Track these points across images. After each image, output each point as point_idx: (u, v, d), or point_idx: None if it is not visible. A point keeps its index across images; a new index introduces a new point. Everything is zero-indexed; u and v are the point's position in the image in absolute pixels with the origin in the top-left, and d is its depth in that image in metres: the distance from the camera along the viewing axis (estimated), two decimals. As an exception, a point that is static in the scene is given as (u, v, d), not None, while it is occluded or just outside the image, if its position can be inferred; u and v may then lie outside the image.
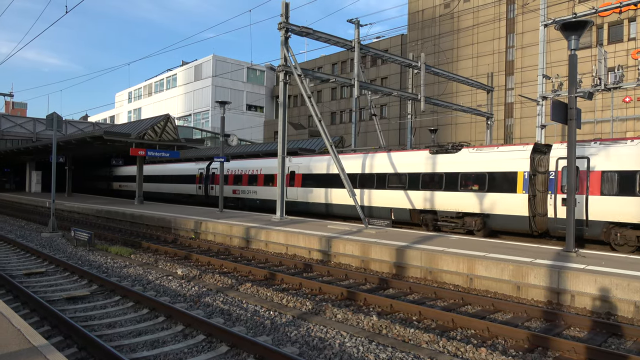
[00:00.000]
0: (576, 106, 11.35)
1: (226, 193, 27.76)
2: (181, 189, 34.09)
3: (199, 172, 31.81)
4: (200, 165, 32.16)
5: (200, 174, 31.60)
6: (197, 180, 32.04)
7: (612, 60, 31.17)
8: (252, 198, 26.90)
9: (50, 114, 17.35)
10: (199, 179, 31.78)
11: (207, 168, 31.22)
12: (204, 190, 31.15)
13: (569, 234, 11.23)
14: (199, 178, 31.78)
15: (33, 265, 11.76)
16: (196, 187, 31.97)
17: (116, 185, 46.18)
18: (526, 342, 6.74)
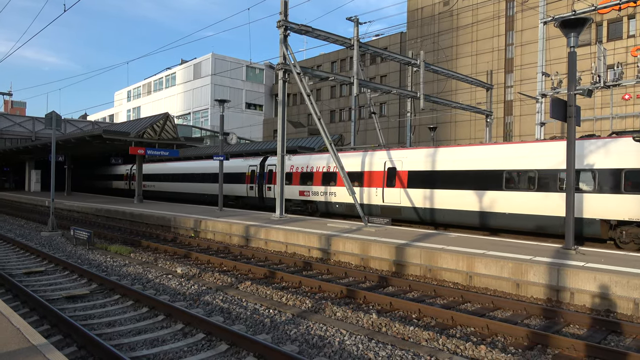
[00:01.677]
0: (575, 104, 11.34)
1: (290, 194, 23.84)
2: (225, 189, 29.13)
3: (250, 169, 27.53)
4: (251, 162, 27.88)
5: (252, 171, 27.36)
6: (247, 179, 27.73)
7: (612, 58, 31.16)
8: (332, 202, 22.12)
9: (49, 112, 17.33)
10: (250, 178, 27.50)
11: (260, 165, 26.94)
12: (257, 191, 26.84)
13: (568, 232, 11.24)
14: (249, 177, 27.51)
15: (32, 264, 11.75)
16: (246, 188, 27.66)
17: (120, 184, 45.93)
18: (525, 339, 6.75)
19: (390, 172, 19.94)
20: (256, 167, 27.15)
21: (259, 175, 26.71)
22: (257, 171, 26.94)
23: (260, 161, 27.10)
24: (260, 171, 26.67)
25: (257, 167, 27.10)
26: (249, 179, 27.58)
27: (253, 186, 27.08)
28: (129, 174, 43.28)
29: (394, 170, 19.78)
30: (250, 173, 27.53)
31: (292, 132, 54.82)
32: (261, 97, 66.63)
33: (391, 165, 19.94)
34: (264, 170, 26.53)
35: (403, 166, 19.50)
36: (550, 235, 15.73)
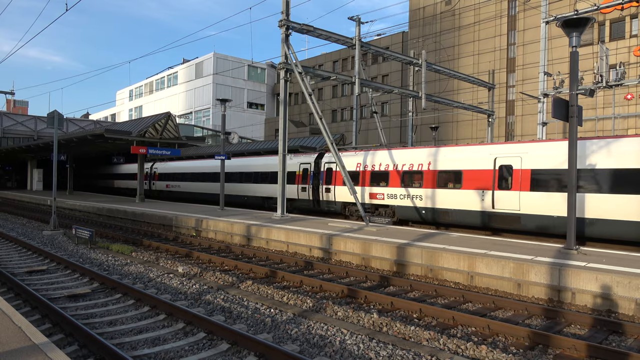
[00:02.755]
0: (577, 103, 11.31)
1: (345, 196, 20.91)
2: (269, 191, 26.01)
3: (301, 168, 24.10)
4: (303, 159, 24.40)
5: (304, 170, 23.97)
6: (297, 179, 24.23)
7: (614, 58, 31.08)
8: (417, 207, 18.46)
9: (51, 112, 17.35)
10: (301, 178, 24.00)
11: (315, 163, 23.49)
12: (310, 193, 23.42)
13: (570, 232, 11.22)
14: (301, 176, 24.05)
15: (34, 263, 11.78)
16: (297, 189, 24.20)
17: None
18: (527, 339, 6.74)
19: (504, 171, 16.61)
20: (309, 165, 23.61)
21: (314, 174, 23.27)
22: (311, 170, 23.43)
23: (314, 158, 23.59)
24: (315, 170, 23.26)
25: (310, 165, 23.56)
26: (300, 178, 23.98)
27: (306, 187, 23.49)
28: (149, 173, 40.09)
29: (509, 168, 16.41)
30: (301, 172, 23.93)
31: (293, 131, 54.81)
32: (263, 96, 66.65)
33: (506, 162, 16.68)
34: (319, 169, 23.15)
35: (524, 164, 16.08)
36: None
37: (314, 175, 23.30)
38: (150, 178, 39.44)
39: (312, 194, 23.29)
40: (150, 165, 39.88)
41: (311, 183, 23.34)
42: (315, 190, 23.24)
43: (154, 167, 39.40)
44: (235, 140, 29.54)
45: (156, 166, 39.22)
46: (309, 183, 23.44)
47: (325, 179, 22.56)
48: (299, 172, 24.24)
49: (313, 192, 23.28)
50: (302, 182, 23.83)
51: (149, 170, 39.92)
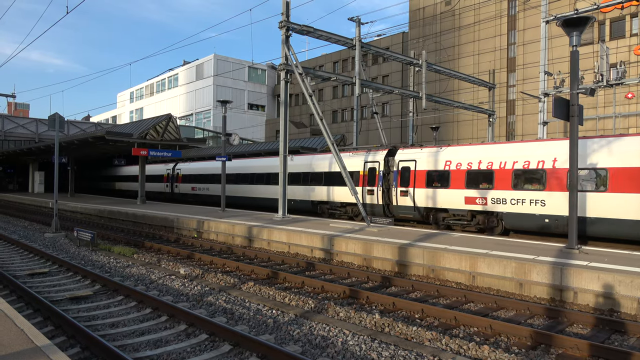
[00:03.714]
0: (578, 103, 11.31)
1: (447, 201, 17.69)
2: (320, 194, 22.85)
3: (367, 167, 20.93)
4: (368, 157, 21.18)
5: (369, 170, 20.79)
6: (362, 180, 20.99)
7: (614, 57, 31.05)
8: (536, 214, 15.32)
9: (52, 114, 17.39)
10: (367, 179, 20.77)
11: (385, 161, 20.22)
12: (379, 197, 20.17)
13: (571, 231, 11.21)
14: (366, 177, 20.83)
15: (36, 266, 11.79)
16: (362, 192, 20.80)
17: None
18: (529, 339, 6.73)
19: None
20: (377, 163, 20.49)
21: (383, 174, 20.13)
22: (380, 169, 20.27)
23: (384, 155, 20.52)
24: (385, 169, 20.24)
25: (379, 163, 20.44)
26: (366, 179, 20.85)
27: (374, 190, 20.45)
28: (171, 175, 36.41)
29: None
30: (367, 172, 20.90)
31: (294, 132, 54.83)
32: (263, 97, 66.69)
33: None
34: (389, 168, 20.16)
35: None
36: None
37: (384, 176, 20.16)
38: (172, 180, 35.93)
39: (383, 198, 20.13)
40: (172, 166, 36.51)
41: (380, 185, 20.18)
42: (387, 194, 20.15)
43: (176, 167, 35.82)
44: (236, 142, 29.57)
45: (179, 167, 35.59)
46: (377, 185, 20.29)
47: (400, 180, 19.35)
48: (364, 172, 20.97)
49: (383, 195, 20.15)
50: (369, 184, 20.62)
51: (171, 171, 36.48)
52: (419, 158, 18.40)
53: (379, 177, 20.30)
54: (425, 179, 18.25)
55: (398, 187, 19.42)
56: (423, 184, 18.42)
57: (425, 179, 18.25)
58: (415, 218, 19.09)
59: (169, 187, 36.47)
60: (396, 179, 19.55)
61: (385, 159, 20.42)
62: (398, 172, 19.52)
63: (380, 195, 20.18)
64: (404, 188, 19.20)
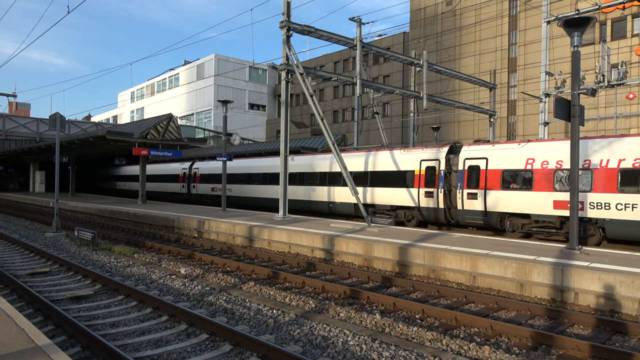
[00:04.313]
0: (579, 103, 11.29)
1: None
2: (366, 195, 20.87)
3: (423, 166, 18.84)
4: (423, 155, 19.11)
5: (426, 169, 18.77)
6: (416, 180, 19.00)
7: (616, 57, 31.01)
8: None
9: (53, 114, 17.41)
10: (422, 180, 18.81)
11: (447, 160, 18.35)
12: (438, 200, 18.22)
13: (572, 232, 11.19)
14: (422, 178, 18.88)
15: (37, 265, 11.80)
16: (415, 194, 18.94)
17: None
18: (530, 340, 6.72)
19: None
20: (437, 162, 18.40)
21: (444, 175, 18.09)
22: (441, 169, 18.16)
23: (445, 153, 18.42)
24: (447, 168, 18.21)
25: (439, 162, 18.36)
26: (422, 180, 18.79)
27: (432, 192, 18.28)
28: (187, 175, 33.96)
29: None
30: (422, 172, 18.77)
31: (295, 132, 54.83)
32: (264, 97, 66.69)
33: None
34: (451, 167, 18.19)
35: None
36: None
37: (445, 176, 18.07)
38: (189, 180, 33.60)
39: (445, 201, 18.02)
40: (189, 165, 34.19)
41: (441, 186, 18.04)
42: (447, 196, 18.09)
43: (193, 167, 33.55)
44: (237, 142, 29.59)
45: (197, 166, 33.29)
46: (437, 187, 18.16)
47: (466, 181, 17.22)
48: (420, 171, 18.85)
49: (444, 198, 18.04)
50: (427, 185, 18.53)
51: (187, 170, 34.14)
52: (491, 156, 16.62)
53: (440, 177, 18.13)
54: (500, 180, 16.22)
55: (464, 189, 17.28)
56: (497, 186, 16.32)
57: (500, 180, 16.22)
58: (485, 224, 16.91)
59: (185, 188, 34.22)
60: (461, 179, 17.40)
61: (447, 157, 18.28)
62: (464, 172, 17.38)
63: (441, 198, 18.04)
64: (471, 190, 17.02)
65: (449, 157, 18.30)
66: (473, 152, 17.42)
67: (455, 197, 17.79)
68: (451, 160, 18.24)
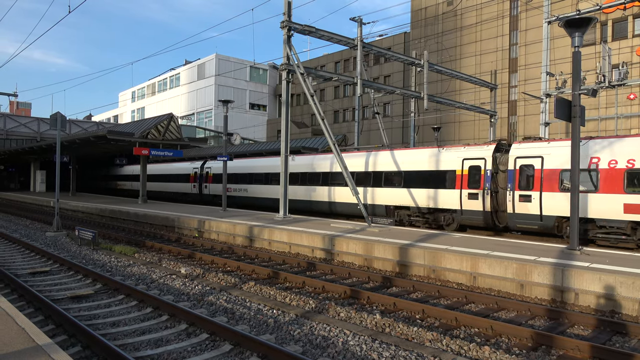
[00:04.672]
0: (580, 103, 11.29)
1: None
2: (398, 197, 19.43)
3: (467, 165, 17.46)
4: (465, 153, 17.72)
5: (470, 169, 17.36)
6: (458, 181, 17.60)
7: (617, 57, 31.01)
8: None
9: (54, 113, 17.43)
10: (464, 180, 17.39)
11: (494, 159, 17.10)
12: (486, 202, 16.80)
13: (572, 232, 11.19)
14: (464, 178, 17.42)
15: (37, 264, 11.81)
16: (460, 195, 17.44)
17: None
18: (530, 340, 6.72)
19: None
20: (483, 161, 16.98)
21: (491, 175, 16.71)
22: (487, 168, 16.84)
23: (492, 151, 17.04)
24: (494, 168, 16.88)
25: (484, 161, 16.96)
26: (465, 180, 17.41)
27: (477, 194, 16.86)
28: (199, 174, 32.47)
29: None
30: (465, 172, 17.43)
31: (295, 132, 54.83)
32: (265, 97, 66.71)
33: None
34: (498, 167, 16.97)
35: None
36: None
37: (492, 176, 16.72)
38: (201, 180, 32.36)
39: (490, 204, 16.63)
40: (201, 164, 32.89)
41: (487, 187, 16.69)
42: (494, 198, 16.77)
43: (205, 166, 32.18)
44: (238, 142, 29.56)
45: (210, 165, 32.01)
46: (483, 187, 16.77)
47: (518, 182, 15.85)
48: (463, 171, 17.47)
49: (491, 200, 16.68)
50: (470, 186, 17.17)
51: (199, 170, 32.81)
52: (547, 154, 15.31)
53: (485, 177, 16.76)
54: (559, 181, 15.00)
55: (515, 190, 15.88)
56: (554, 187, 14.99)
57: (559, 181, 15.00)
58: (540, 229, 15.52)
59: (196, 188, 32.90)
60: (512, 180, 16.00)
61: (494, 155, 16.99)
62: (515, 172, 16.03)
63: (487, 201, 16.59)
64: (524, 192, 15.64)
65: (496, 156, 17.07)
66: (526, 150, 16.03)
67: (504, 200, 16.52)
68: (498, 159, 17.04)
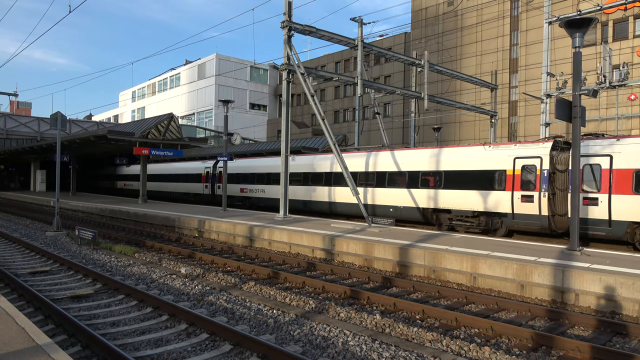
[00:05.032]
0: (580, 104, 11.28)
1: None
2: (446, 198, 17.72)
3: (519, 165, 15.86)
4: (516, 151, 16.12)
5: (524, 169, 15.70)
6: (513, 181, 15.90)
7: (617, 58, 30.99)
8: None
9: (54, 113, 17.43)
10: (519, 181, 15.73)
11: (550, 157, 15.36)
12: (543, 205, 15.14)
13: (573, 233, 11.18)
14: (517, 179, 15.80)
15: (38, 264, 11.81)
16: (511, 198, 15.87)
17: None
18: (530, 341, 6.72)
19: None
20: (538, 160, 15.33)
21: (548, 175, 15.09)
22: (544, 168, 15.17)
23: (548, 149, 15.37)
24: (551, 167, 15.23)
25: (540, 159, 15.31)
26: (518, 181, 15.69)
27: (532, 196, 15.28)
28: (211, 174, 30.95)
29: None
30: (517, 171, 15.77)
31: (295, 132, 54.83)
32: (265, 97, 66.71)
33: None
34: (556, 167, 15.37)
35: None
36: None
37: (549, 177, 15.12)
38: (213, 180, 30.94)
39: (548, 207, 14.97)
40: (213, 163, 31.28)
41: (544, 189, 15.12)
42: (552, 201, 15.13)
43: (218, 165, 30.58)
44: (238, 142, 29.52)
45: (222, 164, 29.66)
46: (539, 189, 15.21)
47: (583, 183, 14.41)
48: (514, 171, 15.89)
49: (549, 204, 15.02)
50: (523, 188, 15.55)
51: (211, 170, 31.34)
52: (617, 152, 14.04)
53: (542, 178, 15.14)
54: (633, 182, 13.62)
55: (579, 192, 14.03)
56: (627, 189, 13.64)
57: (633, 182, 13.62)
58: (608, 236, 14.17)
59: (208, 189, 31.44)
60: (582, 180, 14.62)
61: (551, 153, 15.29)
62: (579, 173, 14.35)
63: (544, 204, 14.95)
64: (590, 194, 14.32)
65: (553, 154, 15.40)
66: (590, 148, 14.66)
67: (562, 203, 15.11)
68: (556, 158, 15.40)
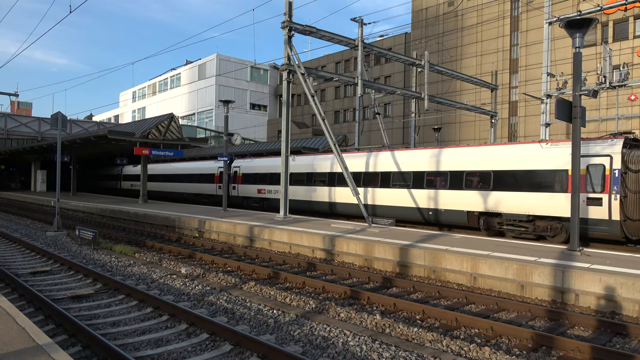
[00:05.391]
0: (581, 104, 11.28)
1: None
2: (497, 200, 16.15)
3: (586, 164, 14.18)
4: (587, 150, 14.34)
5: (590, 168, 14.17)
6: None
7: (617, 58, 30.99)
8: None
9: (55, 113, 17.44)
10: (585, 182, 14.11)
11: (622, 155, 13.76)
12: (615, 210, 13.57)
13: (573, 233, 11.18)
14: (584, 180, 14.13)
15: (38, 264, 11.82)
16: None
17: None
18: (530, 341, 6.72)
19: None
20: (608, 159, 13.87)
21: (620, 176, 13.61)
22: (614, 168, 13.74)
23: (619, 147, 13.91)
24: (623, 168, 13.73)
25: (610, 159, 13.84)
26: (583, 183, 14.10)
27: (600, 198, 13.82)
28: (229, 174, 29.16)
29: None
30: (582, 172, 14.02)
31: (296, 132, 54.85)
32: (265, 97, 66.73)
33: None
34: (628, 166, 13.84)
35: None
36: None
37: (622, 179, 13.60)
38: (229, 181, 29.44)
39: (620, 212, 13.43)
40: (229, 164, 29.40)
41: (615, 192, 13.54)
42: (623, 205, 13.53)
43: (233, 165, 29.40)
44: (238, 142, 29.51)
45: (238, 164, 29.29)
46: (609, 191, 13.63)
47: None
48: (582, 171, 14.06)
49: (621, 207, 13.51)
50: (589, 190, 14.00)
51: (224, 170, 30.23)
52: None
53: (612, 179, 13.62)
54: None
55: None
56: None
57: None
58: None
59: (222, 190, 29.23)
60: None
61: (623, 152, 13.76)
62: None
63: (614, 207, 13.47)
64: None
65: (625, 153, 13.84)
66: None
67: (637, 206, 13.62)
68: (628, 156, 13.82)
